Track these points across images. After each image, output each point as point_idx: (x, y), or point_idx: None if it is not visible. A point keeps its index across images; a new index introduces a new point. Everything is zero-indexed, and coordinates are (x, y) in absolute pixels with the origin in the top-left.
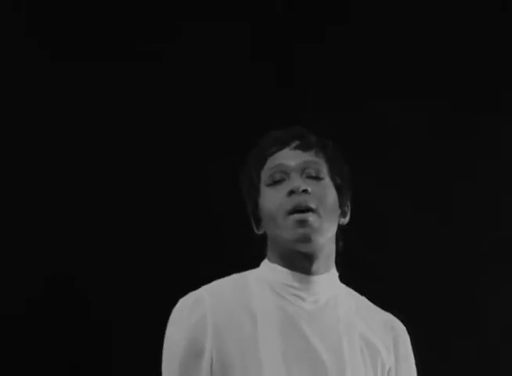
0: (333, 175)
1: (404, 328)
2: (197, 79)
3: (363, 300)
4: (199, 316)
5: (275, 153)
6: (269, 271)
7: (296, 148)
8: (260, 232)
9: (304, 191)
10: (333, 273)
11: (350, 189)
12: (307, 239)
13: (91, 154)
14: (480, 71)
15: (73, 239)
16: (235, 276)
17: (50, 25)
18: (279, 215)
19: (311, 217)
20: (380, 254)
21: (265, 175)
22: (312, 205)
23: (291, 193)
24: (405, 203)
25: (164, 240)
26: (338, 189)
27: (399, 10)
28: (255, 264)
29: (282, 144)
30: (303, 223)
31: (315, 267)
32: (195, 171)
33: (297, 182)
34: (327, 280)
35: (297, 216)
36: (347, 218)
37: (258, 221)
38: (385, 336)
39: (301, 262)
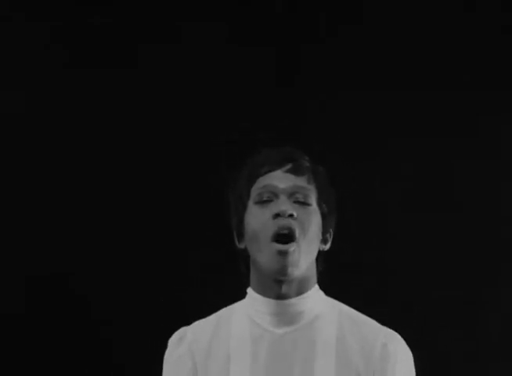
0: (321, 202)
1: (399, 346)
2: (197, 79)
3: (352, 316)
4: (179, 355)
5: (267, 172)
6: (248, 300)
7: (288, 171)
8: (241, 246)
9: (290, 215)
10: (311, 295)
11: (335, 218)
12: (283, 272)
13: (89, 156)
14: (480, 71)
15: (73, 239)
16: (222, 312)
17: (48, 24)
18: (262, 237)
19: (291, 248)
20: (380, 254)
21: (254, 192)
22: (295, 232)
23: (277, 215)
24: (405, 203)
25: (164, 241)
26: (324, 216)
27: (398, 11)
28: None
29: (275, 165)
30: (283, 254)
31: (284, 290)
32: (194, 172)
33: (285, 205)
34: (302, 303)
35: (278, 246)
36: (328, 246)
37: (241, 236)
38: (370, 355)
39: (271, 285)
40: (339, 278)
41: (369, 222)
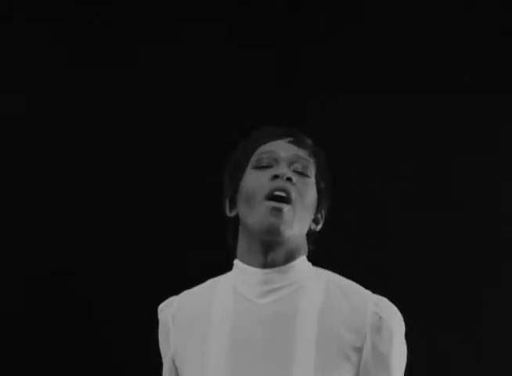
0: (319, 179)
1: (391, 315)
2: (197, 79)
3: (340, 284)
4: (164, 320)
5: (268, 141)
6: (235, 270)
7: (290, 142)
8: (231, 214)
9: (289, 179)
10: (299, 263)
11: (329, 200)
12: (274, 229)
13: (89, 157)
14: (480, 71)
15: (73, 239)
16: (210, 281)
17: (48, 24)
18: (257, 196)
19: (286, 208)
20: (380, 254)
21: (253, 158)
22: (291, 195)
23: (275, 177)
24: (405, 203)
25: (164, 241)
26: (319, 192)
27: (398, 11)
28: None
29: (277, 136)
30: (276, 212)
31: (271, 257)
32: (194, 172)
33: (284, 169)
34: (288, 271)
35: (272, 203)
36: (319, 227)
37: (233, 203)
38: (360, 323)
39: (259, 250)
40: None
41: (369, 222)
